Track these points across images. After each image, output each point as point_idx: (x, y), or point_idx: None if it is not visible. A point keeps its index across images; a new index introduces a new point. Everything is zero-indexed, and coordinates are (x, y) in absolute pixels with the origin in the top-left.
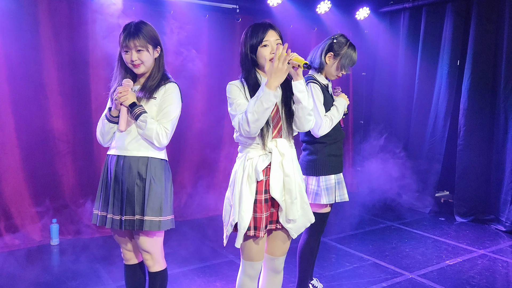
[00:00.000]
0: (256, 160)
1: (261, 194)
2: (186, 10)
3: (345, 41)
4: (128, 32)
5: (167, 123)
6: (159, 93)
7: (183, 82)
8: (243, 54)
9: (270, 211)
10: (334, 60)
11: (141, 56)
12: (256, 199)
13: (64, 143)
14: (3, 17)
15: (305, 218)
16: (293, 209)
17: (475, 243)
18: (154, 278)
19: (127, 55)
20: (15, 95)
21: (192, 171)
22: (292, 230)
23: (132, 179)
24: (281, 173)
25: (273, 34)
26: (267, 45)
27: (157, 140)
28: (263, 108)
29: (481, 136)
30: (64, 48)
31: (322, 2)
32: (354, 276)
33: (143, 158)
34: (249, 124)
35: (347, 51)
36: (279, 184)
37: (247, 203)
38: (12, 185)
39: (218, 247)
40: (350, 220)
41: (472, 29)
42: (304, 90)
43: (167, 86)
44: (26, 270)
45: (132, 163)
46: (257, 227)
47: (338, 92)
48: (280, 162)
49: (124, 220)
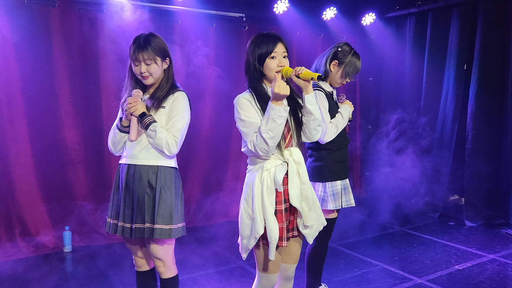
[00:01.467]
0: (273, 171)
1: (280, 204)
2: (193, 19)
3: (349, 50)
4: (137, 45)
5: (176, 132)
6: (167, 102)
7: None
8: (250, 64)
9: (289, 219)
10: (338, 68)
11: (149, 69)
12: (276, 209)
13: (76, 152)
14: (17, 30)
15: (318, 222)
16: (311, 215)
17: (485, 247)
18: (166, 285)
19: (137, 67)
20: (29, 106)
21: (201, 178)
22: (309, 235)
23: (142, 188)
24: (298, 181)
25: (281, 46)
26: (275, 57)
27: (167, 149)
28: (276, 125)
29: (490, 140)
30: (76, 59)
31: (328, 8)
32: (362, 281)
33: (154, 167)
34: (267, 142)
35: (351, 59)
36: (297, 192)
37: (271, 214)
38: (26, 193)
39: (228, 253)
40: (359, 225)
41: (478, 33)
42: (315, 103)
43: (175, 95)
44: (39, 277)
45: (143, 172)
46: (280, 237)
47: (343, 99)
48: (296, 170)
49: (134, 228)
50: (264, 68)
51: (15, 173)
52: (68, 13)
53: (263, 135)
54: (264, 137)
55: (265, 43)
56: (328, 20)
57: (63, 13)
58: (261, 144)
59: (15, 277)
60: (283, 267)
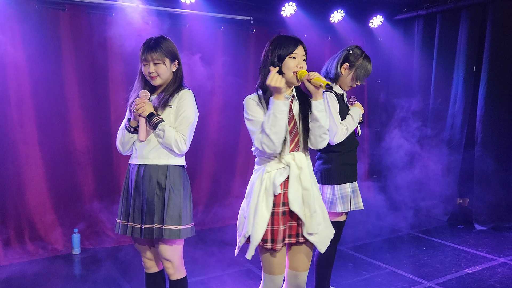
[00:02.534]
0: (274, 174)
1: (278, 206)
2: (201, 23)
3: (360, 53)
4: (147, 46)
5: (184, 130)
6: (174, 101)
7: (199, 93)
8: (268, 61)
9: (288, 224)
10: (349, 71)
11: (157, 69)
12: (274, 211)
13: (85, 155)
14: (27, 34)
15: (328, 230)
16: (313, 222)
17: (495, 251)
18: (175, 286)
19: (145, 67)
20: (38, 109)
21: (209, 180)
22: (318, 243)
23: (152, 188)
24: (300, 187)
25: (302, 49)
26: (296, 57)
27: (176, 147)
28: (277, 120)
29: (499, 143)
30: (85, 63)
31: (335, 11)
32: (371, 284)
33: (163, 166)
34: (270, 138)
35: (362, 63)
36: (298, 198)
37: (262, 216)
38: (36, 196)
39: (236, 256)
40: (367, 228)
41: (487, 35)
42: (323, 110)
43: (181, 93)
44: (48, 279)
45: (152, 172)
46: (274, 239)
47: (353, 102)
48: (298, 175)
49: (144, 229)
50: (282, 66)
51: (24, 176)
52: (77, 17)
53: (266, 130)
54: (267, 133)
55: (287, 44)
56: (336, 22)
57: (72, 17)
58: (266, 140)
59: (25, 279)
60: (292, 274)
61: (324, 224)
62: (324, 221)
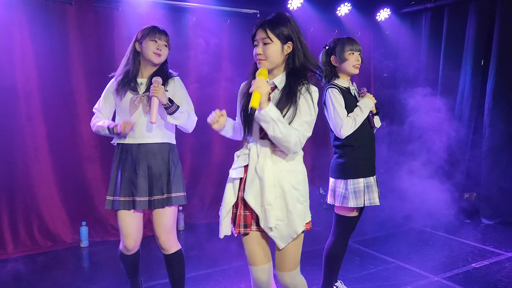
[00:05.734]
0: (241, 158)
1: (241, 191)
2: (208, 16)
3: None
4: (158, 29)
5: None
6: (169, 86)
7: (205, 86)
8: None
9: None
10: (335, 58)
11: (163, 49)
12: (238, 195)
13: (92, 148)
14: (34, 28)
15: (289, 229)
16: (268, 215)
17: (502, 245)
18: (177, 258)
19: (155, 43)
20: (46, 103)
21: (215, 175)
22: (277, 239)
23: (158, 163)
24: (255, 176)
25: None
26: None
27: (192, 127)
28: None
29: (507, 137)
30: (92, 56)
31: (342, 4)
32: (378, 278)
33: (165, 144)
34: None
35: (338, 44)
36: (254, 187)
37: (227, 197)
38: (44, 189)
39: (242, 249)
40: (374, 222)
41: (496, 28)
42: (267, 121)
43: (175, 80)
44: (56, 271)
45: (156, 149)
46: (238, 224)
47: (364, 93)
48: (255, 164)
49: (153, 200)
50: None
51: (32, 169)
52: (84, 11)
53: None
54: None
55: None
56: (343, 16)
57: (79, 10)
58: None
59: (33, 271)
60: (277, 273)
61: (287, 221)
62: (287, 218)
